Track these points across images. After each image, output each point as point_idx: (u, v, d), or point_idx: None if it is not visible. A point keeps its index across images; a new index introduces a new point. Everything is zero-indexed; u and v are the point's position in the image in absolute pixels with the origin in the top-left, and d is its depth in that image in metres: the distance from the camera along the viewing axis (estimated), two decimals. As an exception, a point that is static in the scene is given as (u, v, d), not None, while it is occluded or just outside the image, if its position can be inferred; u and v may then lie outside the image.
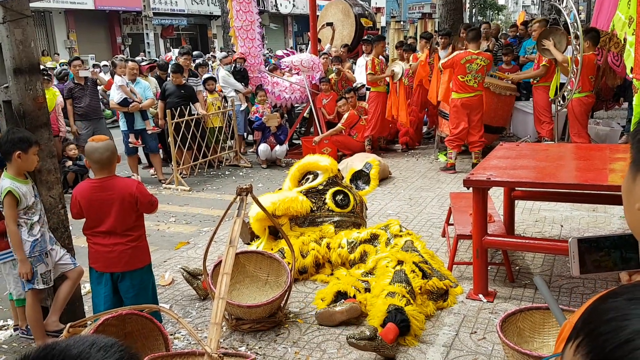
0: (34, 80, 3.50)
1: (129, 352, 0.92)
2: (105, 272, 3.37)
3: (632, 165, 0.89)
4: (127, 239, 3.33)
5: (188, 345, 3.51)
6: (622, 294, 0.60)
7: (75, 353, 0.87)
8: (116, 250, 3.32)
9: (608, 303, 0.60)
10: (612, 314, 0.58)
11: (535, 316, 3.05)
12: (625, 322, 0.56)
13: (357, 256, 4.25)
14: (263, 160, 8.84)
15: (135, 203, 3.31)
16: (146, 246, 3.51)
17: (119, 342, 0.92)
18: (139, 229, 3.42)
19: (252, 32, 8.76)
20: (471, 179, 3.73)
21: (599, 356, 0.56)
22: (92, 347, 0.88)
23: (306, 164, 4.98)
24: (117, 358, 0.89)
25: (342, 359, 3.25)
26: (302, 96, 9.32)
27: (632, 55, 5.07)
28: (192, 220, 6.38)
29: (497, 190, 5.72)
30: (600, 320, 0.58)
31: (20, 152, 3.30)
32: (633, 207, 0.88)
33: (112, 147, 3.33)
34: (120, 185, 3.31)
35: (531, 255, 4.58)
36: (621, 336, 0.55)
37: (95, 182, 3.34)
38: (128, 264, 3.35)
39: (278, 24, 34.09)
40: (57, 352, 0.86)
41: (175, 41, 28.81)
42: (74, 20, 24.11)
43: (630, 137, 0.88)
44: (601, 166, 4.06)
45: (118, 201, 3.27)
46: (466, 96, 7.29)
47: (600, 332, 0.57)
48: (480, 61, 7.20)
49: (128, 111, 7.80)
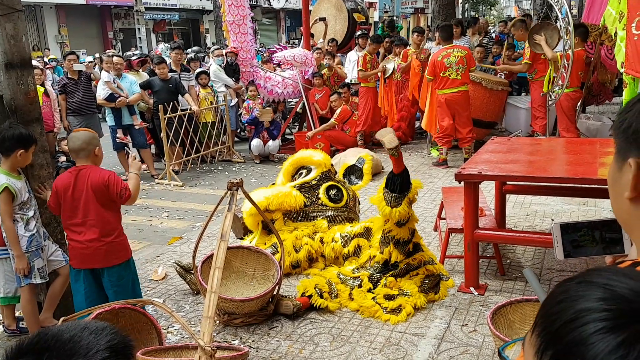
0: (26, 75, 3.49)
1: (120, 335, 0.93)
2: (82, 269, 3.31)
3: (617, 155, 0.90)
4: (103, 235, 3.25)
5: (181, 339, 3.52)
6: (575, 278, 0.64)
7: (67, 337, 0.89)
8: (91, 246, 3.25)
9: (562, 287, 0.64)
10: (562, 296, 0.62)
11: (526, 308, 3.08)
12: (572, 302, 0.60)
13: (351, 250, 4.27)
14: (256, 156, 8.84)
15: (107, 193, 3.24)
16: (124, 242, 3.41)
17: (110, 326, 0.94)
18: (115, 224, 3.34)
19: (244, 27, 8.74)
20: (462, 173, 3.76)
21: (549, 334, 0.60)
22: (83, 331, 0.90)
23: (300, 158, 4.99)
24: (108, 340, 0.91)
25: (334, 352, 3.28)
26: (295, 91, 9.32)
27: (622, 50, 5.11)
28: (184, 216, 6.38)
29: (489, 185, 5.75)
30: (552, 302, 0.63)
31: (22, 150, 3.30)
32: (620, 196, 0.89)
33: (87, 137, 3.27)
34: (92, 175, 3.24)
35: (522, 249, 4.63)
36: (567, 315, 0.59)
37: (72, 170, 3.31)
38: (104, 260, 3.28)
39: (271, 19, 33.99)
40: (50, 337, 0.88)
41: (167, 36, 28.66)
42: (65, 15, 23.94)
43: (614, 127, 0.90)
44: (591, 160, 4.10)
45: (88, 191, 3.21)
46: (450, 92, 7.30)
47: (551, 312, 0.61)
48: (457, 52, 7.21)
49: (115, 106, 7.77)
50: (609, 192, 0.95)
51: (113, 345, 0.92)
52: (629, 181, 0.85)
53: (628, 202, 0.87)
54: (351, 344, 3.34)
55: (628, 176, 0.86)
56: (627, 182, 0.86)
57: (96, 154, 3.31)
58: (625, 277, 0.60)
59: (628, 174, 0.86)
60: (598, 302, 0.58)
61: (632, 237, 0.93)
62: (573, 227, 1.16)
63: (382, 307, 3.64)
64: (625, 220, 0.93)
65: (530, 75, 7.97)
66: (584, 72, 7.34)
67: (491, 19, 36.26)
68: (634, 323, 0.55)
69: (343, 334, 3.47)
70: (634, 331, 0.55)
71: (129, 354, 0.96)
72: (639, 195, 0.86)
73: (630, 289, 0.58)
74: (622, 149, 0.88)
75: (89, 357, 0.88)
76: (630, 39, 4.75)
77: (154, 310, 3.81)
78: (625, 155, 0.87)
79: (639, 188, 0.85)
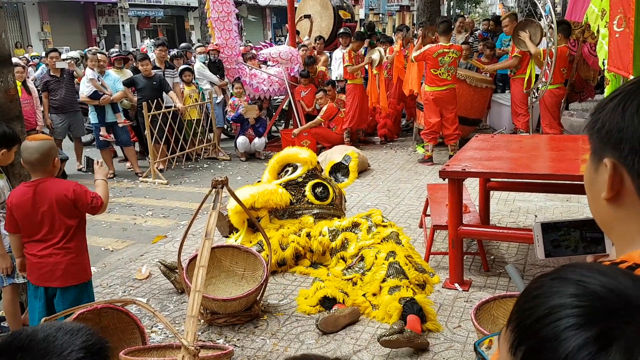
0: (5, 72, 3.44)
1: (96, 337, 0.93)
2: (39, 286, 3.05)
3: (592, 156, 0.90)
4: (62, 251, 2.99)
5: (165, 339, 3.50)
6: (550, 274, 0.64)
7: (41, 337, 0.88)
8: (48, 262, 2.98)
9: (537, 283, 0.64)
10: (536, 292, 0.62)
11: (509, 304, 3.10)
12: (546, 298, 0.60)
13: (339, 244, 4.27)
14: (242, 153, 8.80)
15: (73, 207, 2.98)
16: (85, 262, 3.14)
17: (86, 327, 0.93)
18: (77, 240, 3.07)
19: (228, 24, 8.68)
20: (447, 170, 3.78)
21: (522, 329, 0.61)
22: (58, 332, 0.89)
23: (285, 156, 4.98)
24: (83, 341, 0.90)
25: (320, 349, 3.28)
26: (281, 88, 9.29)
27: (604, 47, 5.16)
28: (169, 214, 6.34)
29: (473, 182, 5.79)
30: (527, 298, 0.63)
31: (5, 149, 3.24)
32: (598, 197, 0.89)
33: (43, 148, 2.93)
34: (54, 189, 2.96)
35: (506, 245, 4.66)
36: (540, 311, 0.59)
37: (28, 184, 3.01)
38: (61, 279, 3.00)
39: (256, 16, 33.86)
40: (24, 337, 0.88)
41: (152, 33, 28.41)
42: (48, 11, 23.63)
43: (588, 128, 0.90)
44: (574, 157, 4.14)
45: (50, 206, 2.94)
46: (438, 89, 7.34)
47: (525, 308, 0.62)
48: (452, 54, 7.26)
49: (99, 104, 7.70)
50: (587, 194, 0.95)
51: (88, 346, 0.91)
52: (606, 181, 0.85)
53: (605, 203, 0.87)
54: (337, 342, 3.34)
55: (604, 176, 0.86)
56: (604, 182, 0.86)
57: (54, 165, 3.01)
58: (598, 273, 0.61)
59: (604, 174, 0.86)
60: (570, 298, 0.59)
61: (611, 237, 0.93)
62: (554, 227, 1.16)
63: (371, 304, 3.65)
64: (603, 221, 0.93)
65: (512, 71, 8.03)
66: (567, 69, 7.40)
67: (476, 17, 36.43)
68: (605, 319, 0.56)
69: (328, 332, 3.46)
70: (604, 327, 0.55)
71: (105, 356, 0.95)
72: (616, 196, 0.86)
73: (602, 285, 0.59)
74: (597, 150, 0.88)
75: (63, 356, 0.87)
76: (612, 36, 4.80)
77: (138, 310, 3.78)
78: (600, 156, 0.87)
79: (615, 188, 0.85)
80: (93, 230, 5.66)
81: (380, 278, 3.69)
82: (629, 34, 4.45)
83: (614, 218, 0.88)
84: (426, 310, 3.43)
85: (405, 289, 3.53)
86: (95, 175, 3.24)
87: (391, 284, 3.59)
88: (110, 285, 4.37)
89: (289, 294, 4.02)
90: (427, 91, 7.43)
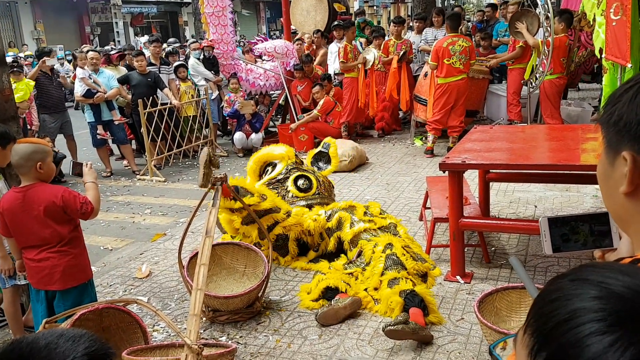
0: (0, 72, 3.40)
1: (99, 343, 0.91)
2: (41, 290, 3.03)
3: (607, 149, 0.87)
4: (59, 254, 2.95)
5: (167, 338, 3.48)
6: (568, 275, 0.62)
7: (43, 344, 0.86)
8: (46, 265, 2.95)
9: (554, 284, 0.62)
10: (556, 295, 0.60)
11: (512, 295, 3.10)
12: (566, 301, 0.58)
13: (334, 224, 4.28)
14: (239, 149, 8.77)
15: (63, 213, 2.93)
16: (84, 262, 3.11)
17: (89, 333, 0.91)
18: (74, 242, 3.03)
19: (223, 19, 8.62)
20: (446, 162, 3.76)
21: (542, 334, 0.58)
22: (60, 338, 0.88)
23: (261, 156, 4.97)
24: (85, 347, 0.88)
25: (323, 344, 3.27)
26: (277, 83, 9.24)
27: (600, 36, 5.14)
28: (168, 212, 6.32)
29: (473, 173, 5.77)
30: (545, 300, 0.61)
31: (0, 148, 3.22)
32: (615, 191, 0.86)
33: (24, 152, 2.87)
34: (42, 195, 2.90)
35: (506, 236, 4.65)
36: (561, 315, 0.57)
37: (18, 190, 2.95)
38: (60, 281, 2.98)
39: (250, 10, 33.71)
40: (25, 344, 0.86)
41: (146, 29, 28.27)
42: (41, 10, 23.49)
43: (602, 121, 0.87)
44: (573, 146, 4.13)
45: (40, 212, 2.89)
46: (453, 80, 7.31)
47: (544, 312, 0.59)
48: (462, 42, 7.25)
49: (94, 102, 7.66)
50: (601, 189, 0.92)
51: (91, 352, 0.89)
52: (624, 175, 0.83)
53: (623, 197, 0.85)
54: (340, 336, 3.34)
55: (622, 170, 0.83)
56: (622, 176, 0.83)
57: (39, 169, 2.91)
58: (620, 273, 0.58)
59: (622, 167, 0.83)
60: (593, 301, 0.56)
61: (628, 232, 0.90)
62: (561, 221, 1.14)
63: (373, 299, 3.64)
64: (620, 216, 0.90)
65: (511, 60, 8.00)
66: (566, 58, 7.38)
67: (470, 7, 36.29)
68: (631, 322, 0.54)
69: (331, 327, 3.45)
70: (630, 331, 0.53)
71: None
72: (636, 190, 0.83)
73: (627, 287, 0.56)
74: (613, 143, 0.85)
75: None
76: (609, 24, 4.78)
77: (139, 309, 3.76)
78: (617, 149, 0.84)
79: (635, 182, 0.82)
80: (91, 229, 5.63)
81: (379, 272, 3.68)
82: (625, 22, 4.43)
83: (633, 212, 0.85)
84: (427, 301, 3.42)
85: (404, 280, 3.51)
86: (84, 178, 3.14)
87: (389, 277, 3.57)
88: (111, 284, 4.35)
89: (290, 289, 4.01)
90: (440, 83, 7.38)
